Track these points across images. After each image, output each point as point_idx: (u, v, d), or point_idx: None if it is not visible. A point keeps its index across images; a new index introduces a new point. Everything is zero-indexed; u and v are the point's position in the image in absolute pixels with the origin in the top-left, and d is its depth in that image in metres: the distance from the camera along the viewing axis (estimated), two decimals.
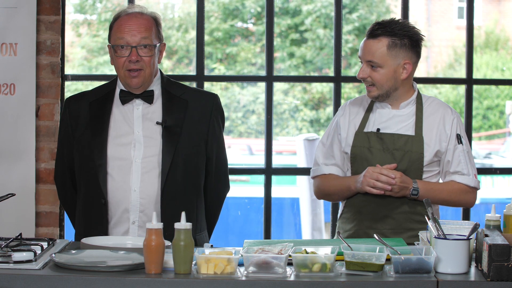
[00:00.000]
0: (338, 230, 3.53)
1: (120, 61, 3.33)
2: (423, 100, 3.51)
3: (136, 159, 3.33)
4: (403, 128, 3.47)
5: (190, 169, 3.39)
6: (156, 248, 2.64)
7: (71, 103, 3.47)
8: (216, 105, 3.48)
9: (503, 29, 18.95)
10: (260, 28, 16.65)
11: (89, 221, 3.36)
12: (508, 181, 11.55)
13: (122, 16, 3.36)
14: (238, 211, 9.32)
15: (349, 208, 3.52)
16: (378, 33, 3.38)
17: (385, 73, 3.40)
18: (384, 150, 3.44)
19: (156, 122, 3.37)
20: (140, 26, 3.32)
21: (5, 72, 4.20)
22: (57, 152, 3.56)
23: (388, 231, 3.42)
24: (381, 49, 3.38)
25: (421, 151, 3.42)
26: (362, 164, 3.45)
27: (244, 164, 9.96)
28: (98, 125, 3.37)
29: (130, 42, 3.31)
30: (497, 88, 17.37)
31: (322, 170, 3.57)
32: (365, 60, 3.41)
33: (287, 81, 14.20)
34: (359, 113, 3.55)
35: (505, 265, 2.60)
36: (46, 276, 2.63)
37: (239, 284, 2.61)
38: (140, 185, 3.32)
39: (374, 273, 2.67)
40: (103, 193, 3.31)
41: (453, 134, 3.46)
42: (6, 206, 3.91)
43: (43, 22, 4.32)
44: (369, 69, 3.41)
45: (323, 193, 3.61)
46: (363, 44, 3.42)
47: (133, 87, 3.36)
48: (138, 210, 3.31)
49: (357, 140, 3.49)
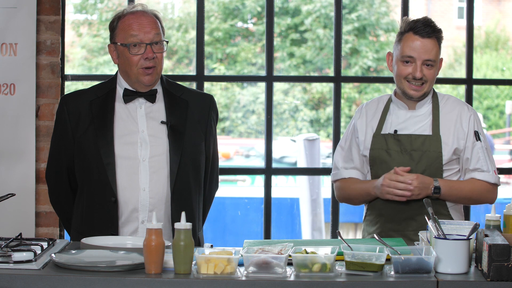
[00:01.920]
0: (364, 232, 3.57)
1: (134, 59, 3.32)
2: (439, 98, 3.53)
3: (144, 158, 3.34)
4: (421, 128, 3.48)
5: (194, 168, 3.41)
6: (156, 248, 2.64)
7: (69, 101, 3.43)
8: (213, 105, 3.52)
9: (503, 29, 18.95)
10: (260, 28, 16.65)
11: (97, 220, 3.33)
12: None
13: (127, 15, 3.36)
14: (238, 211, 9.32)
15: (372, 211, 3.54)
16: (431, 33, 3.42)
17: (435, 70, 3.47)
18: (402, 152, 3.45)
19: (161, 121, 3.38)
20: (150, 23, 3.34)
21: (5, 72, 4.20)
22: (52, 151, 3.50)
23: (411, 233, 3.42)
24: (435, 48, 3.43)
25: (440, 150, 3.43)
26: (381, 167, 3.46)
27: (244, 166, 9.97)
28: (102, 124, 3.35)
29: (144, 39, 3.31)
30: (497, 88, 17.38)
31: (342, 174, 3.59)
32: (421, 60, 3.42)
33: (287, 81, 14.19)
34: (375, 115, 3.56)
35: (505, 265, 2.60)
36: (46, 276, 2.63)
37: (239, 284, 2.61)
38: (149, 184, 3.32)
39: (374, 273, 2.67)
40: (113, 191, 3.30)
41: (470, 131, 3.47)
42: (6, 206, 3.91)
43: (43, 22, 4.32)
44: (424, 67, 3.43)
45: (344, 197, 3.63)
46: (418, 43, 3.42)
47: (146, 84, 3.36)
48: (148, 209, 3.31)
49: (375, 142, 3.50)
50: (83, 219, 3.39)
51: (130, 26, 3.33)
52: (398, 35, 3.49)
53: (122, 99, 3.40)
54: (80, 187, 3.41)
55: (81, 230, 3.38)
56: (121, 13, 3.39)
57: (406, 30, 3.45)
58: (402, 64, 3.45)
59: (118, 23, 3.37)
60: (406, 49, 3.42)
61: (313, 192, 9.05)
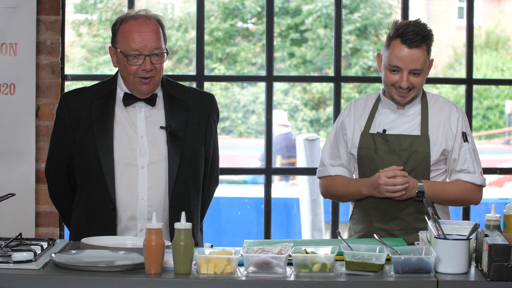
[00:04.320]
0: (350, 231, 3.55)
1: (132, 69, 3.29)
2: (428, 98, 3.52)
3: (143, 165, 3.32)
4: (409, 128, 3.47)
5: (193, 172, 3.40)
6: (156, 248, 2.64)
7: (69, 100, 3.41)
8: (213, 105, 3.50)
9: (503, 29, 18.94)
10: (260, 28, 16.64)
11: (95, 225, 3.31)
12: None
13: (128, 20, 3.31)
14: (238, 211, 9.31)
15: (359, 210, 3.53)
16: (419, 42, 3.35)
17: (423, 76, 3.41)
18: (390, 152, 3.45)
19: (160, 126, 3.36)
20: (151, 33, 3.28)
21: (5, 72, 4.20)
22: (52, 148, 3.49)
23: (398, 232, 3.42)
24: (423, 56, 3.37)
25: (428, 151, 3.42)
26: (369, 166, 3.45)
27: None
28: (102, 128, 3.33)
29: (143, 51, 3.27)
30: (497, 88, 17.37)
31: (329, 171, 3.57)
32: (407, 69, 3.37)
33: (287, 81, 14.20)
34: (364, 114, 3.54)
35: (505, 265, 2.60)
36: (46, 276, 2.63)
37: (239, 284, 2.61)
38: (147, 193, 3.31)
39: (374, 273, 2.67)
40: (112, 199, 3.29)
41: (458, 132, 3.46)
42: (6, 206, 3.90)
43: (43, 22, 4.32)
44: (410, 76, 3.39)
45: (330, 195, 3.61)
46: (405, 54, 3.35)
47: (144, 93, 3.34)
48: (146, 218, 3.30)
49: (363, 141, 3.49)
50: (82, 220, 3.38)
51: (131, 35, 3.28)
52: (388, 39, 3.42)
53: (122, 102, 3.38)
54: (79, 186, 3.41)
55: (80, 230, 3.38)
56: (124, 17, 3.35)
57: (394, 36, 3.37)
58: (389, 71, 3.40)
59: (119, 28, 3.33)
60: (392, 58, 3.36)
61: (313, 192, 9.05)
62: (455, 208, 4.14)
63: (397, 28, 3.38)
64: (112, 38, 3.38)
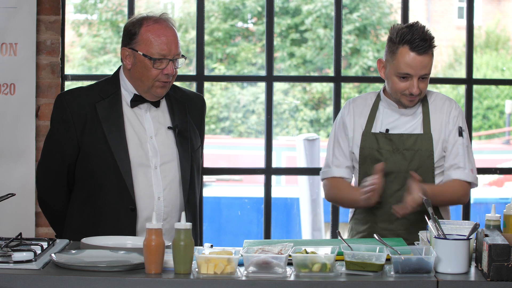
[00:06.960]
0: (352, 231, 3.55)
1: (154, 73, 3.25)
2: (427, 96, 3.52)
3: (156, 166, 3.31)
4: (412, 127, 3.48)
5: (198, 173, 3.43)
6: (156, 248, 2.64)
7: (70, 102, 3.30)
8: (205, 107, 3.53)
9: (503, 29, 18.95)
10: (260, 28, 16.65)
11: (111, 228, 3.24)
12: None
13: (152, 24, 3.25)
14: (238, 211, 9.32)
15: (362, 210, 3.52)
16: (427, 48, 3.35)
17: (428, 79, 3.42)
18: (394, 151, 3.45)
19: (168, 127, 3.36)
20: (174, 36, 3.25)
21: (5, 72, 4.20)
22: (49, 151, 3.37)
23: (402, 232, 3.42)
24: (431, 61, 3.38)
25: (431, 149, 3.43)
26: (373, 165, 3.43)
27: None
28: (114, 128, 3.28)
29: (168, 55, 3.24)
30: (497, 88, 17.37)
31: (332, 172, 3.56)
32: (417, 76, 3.36)
33: (287, 81, 14.22)
34: (363, 113, 3.54)
35: (505, 265, 2.60)
36: (46, 276, 2.63)
37: (239, 284, 2.61)
38: (163, 193, 3.30)
39: (374, 273, 2.67)
40: (132, 199, 3.25)
41: (455, 127, 3.47)
42: (6, 206, 3.91)
43: (43, 22, 4.32)
44: (419, 81, 3.39)
45: (332, 199, 3.62)
46: (415, 61, 3.34)
47: (158, 96, 3.32)
48: (162, 218, 3.29)
49: (365, 141, 3.49)
50: (90, 224, 3.29)
51: (158, 38, 3.23)
52: (391, 44, 3.39)
53: (128, 103, 3.33)
54: (81, 189, 3.33)
55: (86, 232, 3.23)
56: (144, 19, 3.27)
57: (400, 43, 3.36)
58: (398, 79, 3.39)
59: (140, 30, 3.25)
60: (402, 66, 3.35)
61: (313, 192, 9.06)
62: (455, 208, 4.15)
63: (402, 35, 3.36)
64: (127, 40, 3.29)
